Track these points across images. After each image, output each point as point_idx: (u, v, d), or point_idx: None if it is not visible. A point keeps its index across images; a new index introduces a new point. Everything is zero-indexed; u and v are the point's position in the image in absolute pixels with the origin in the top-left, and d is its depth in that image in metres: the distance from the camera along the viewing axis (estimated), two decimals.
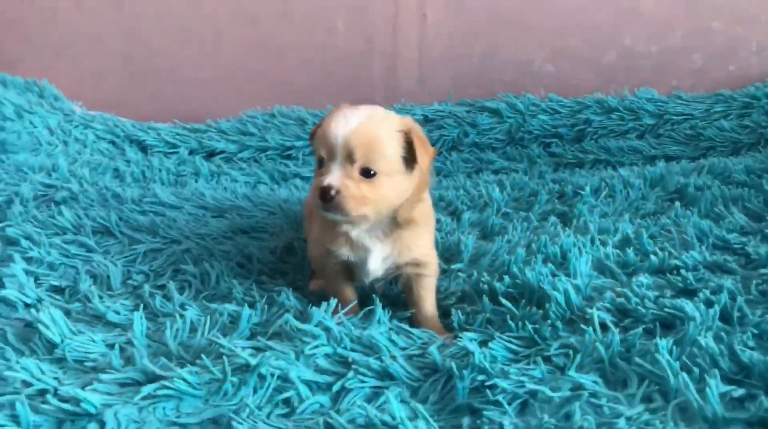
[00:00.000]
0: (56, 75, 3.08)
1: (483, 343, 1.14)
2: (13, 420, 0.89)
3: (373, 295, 1.29)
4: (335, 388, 1.02)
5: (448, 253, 1.55)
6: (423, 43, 2.86)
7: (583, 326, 1.12)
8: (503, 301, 1.25)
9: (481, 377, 1.02)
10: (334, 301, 1.23)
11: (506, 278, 1.32)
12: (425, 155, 1.15)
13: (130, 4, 3.05)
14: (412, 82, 2.90)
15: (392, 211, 1.20)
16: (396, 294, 1.38)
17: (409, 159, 1.16)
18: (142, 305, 1.28)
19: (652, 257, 1.38)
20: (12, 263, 1.42)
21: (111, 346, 1.14)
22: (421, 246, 1.25)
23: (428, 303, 1.28)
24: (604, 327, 1.14)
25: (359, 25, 2.89)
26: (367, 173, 1.13)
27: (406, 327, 1.22)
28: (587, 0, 2.65)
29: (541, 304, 1.24)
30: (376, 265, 1.24)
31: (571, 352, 1.06)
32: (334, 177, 1.12)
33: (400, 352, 1.11)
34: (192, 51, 3.04)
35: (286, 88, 3.00)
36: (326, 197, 1.11)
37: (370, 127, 1.13)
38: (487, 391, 0.99)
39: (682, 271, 1.31)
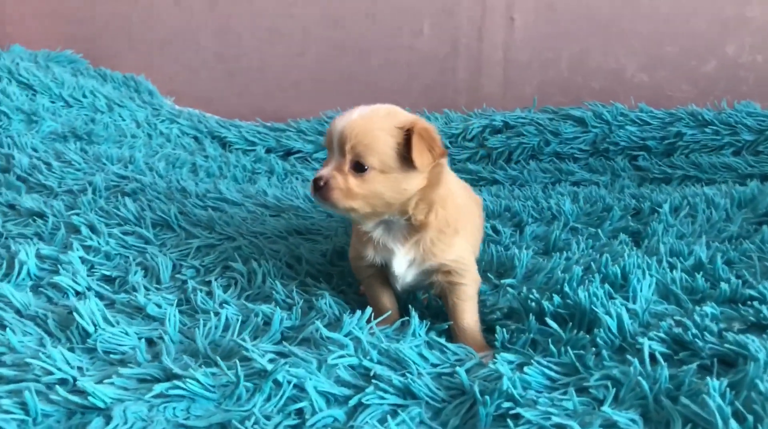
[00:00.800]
0: (153, 71, 3.20)
1: (521, 366, 1.07)
2: (23, 408, 0.89)
3: (410, 306, 1.24)
4: (352, 402, 0.97)
5: (502, 268, 1.47)
6: (509, 47, 2.77)
7: (629, 357, 1.02)
8: (549, 321, 1.17)
9: (507, 404, 0.95)
10: (368, 310, 1.19)
11: (556, 297, 1.23)
12: (424, 155, 1.10)
13: (223, 3, 3.13)
14: (496, 86, 2.82)
15: (400, 211, 1.16)
16: (440, 306, 1.32)
17: (410, 158, 1.11)
18: (176, 301, 1.29)
19: (723, 285, 1.25)
20: (70, 251, 1.46)
21: (142, 340, 1.14)
22: (449, 252, 1.19)
23: (466, 314, 1.21)
24: (658, 359, 1.04)
25: (445, 28, 2.84)
26: (359, 167, 1.11)
27: (444, 341, 1.16)
28: (687, 5, 2.49)
29: (592, 329, 1.15)
30: (401, 269, 1.21)
31: (610, 384, 0.97)
32: (326, 169, 1.13)
33: (428, 369, 1.05)
34: (280, 51, 3.09)
35: (369, 90, 2.99)
36: (315, 187, 1.12)
37: (366, 121, 1.11)
38: (510, 420, 0.91)
39: (756, 303, 1.18)
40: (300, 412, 0.96)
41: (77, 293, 1.34)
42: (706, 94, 2.47)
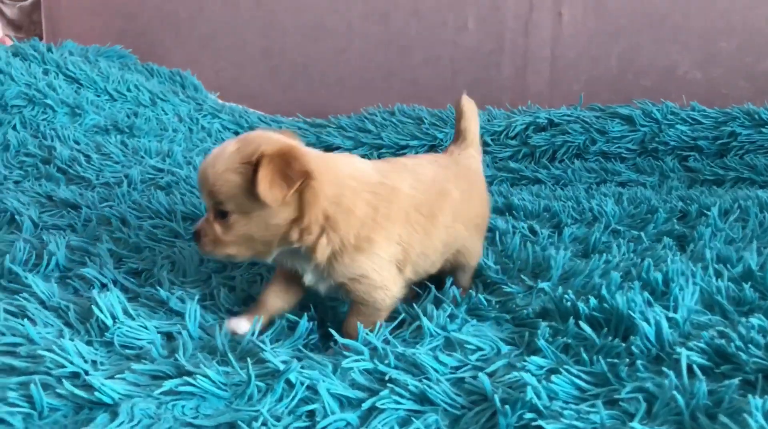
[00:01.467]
0: (200, 66, 3.23)
1: (550, 373, 1.01)
2: (30, 401, 0.88)
3: (414, 305, 1.19)
4: (365, 406, 0.93)
5: (537, 269, 1.40)
6: (556, 43, 2.70)
7: (664, 369, 0.95)
8: (583, 325, 1.11)
9: (529, 415, 0.89)
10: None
11: (592, 300, 1.16)
12: (274, 187, 1.00)
13: None
14: (542, 83, 2.75)
15: (285, 243, 1.09)
16: (475, 303, 1.27)
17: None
18: (201, 296, 1.26)
19: None
20: (99, 243, 1.46)
21: (162, 335, 1.13)
22: (348, 271, 1.10)
23: (350, 327, 1.13)
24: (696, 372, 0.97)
25: (490, 23, 2.78)
26: (222, 214, 1.06)
27: (465, 337, 1.11)
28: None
29: (628, 336, 1.09)
30: (312, 283, 1.15)
31: (642, 397, 0.91)
32: (201, 220, 1.10)
33: (447, 374, 1.00)
34: (324, 47, 3.08)
35: (411, 86, 2.95)
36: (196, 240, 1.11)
37: (214, 163, 1.05)
38: None
39: None
40: (311, 414, 0.92)
41: (103, 285, 1.33)
42: (763, 92, 2.35)
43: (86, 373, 0.95)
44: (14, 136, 2.12)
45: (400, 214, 1.13)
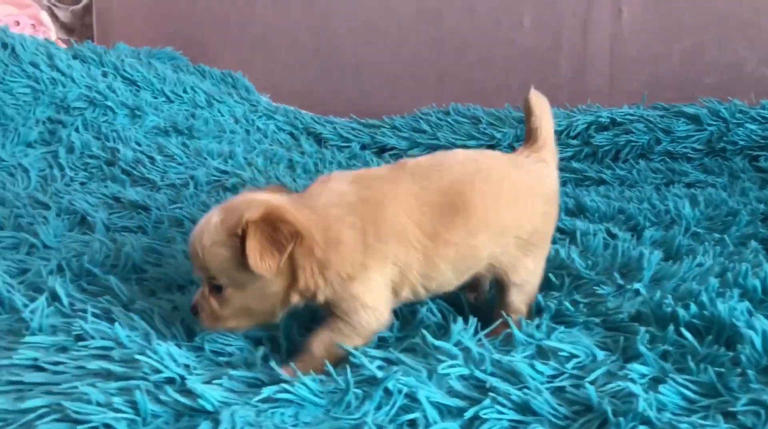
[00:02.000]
0: (251, 68, 3.22)
1: (655, 382, 0.97)
2: (133, 407, 0.87)
3: (503, 313, 1.15)
4: (467, 415, 0.90)
5: (625, 268, 1.36)
6: (616, 40, 2.63)
7: None
8: (684, 332, 1.06)
9: (642, 428, 0.85)
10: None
11: (692, 306, 1.11)
12: (265, 258, 0.94)
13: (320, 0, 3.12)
14: (602, 82, 2.69)
15: (287, 306, 1.04)
16: None
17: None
18: None
19: None
20: (173, 244, 1.46)
21: (251, 341, 1.11)
22: (347, 293, 1.03)
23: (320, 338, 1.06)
24: None
25: (547, 21, 2.73)
26: (217, 288, 1.01)
27: (556, 344, 1.06)
28: None
29: (731, 345, 1.04)
30: None
31: (763, 411, 0.86)
32: (197, 294, 1.05)
33: (546, 384, 0.97)
34: (376, 47, 3.05)
35: (465, 86, 2.91)
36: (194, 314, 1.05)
37: (201, 236, 0.99)
38: None
39: None
40: (413, 424, 0.90)
41: (180, 287, 1.32)
42: None
43: (182, 378, 0.93)
44: (77, 138, 2.14)
45: (391, 231, 1.03)
